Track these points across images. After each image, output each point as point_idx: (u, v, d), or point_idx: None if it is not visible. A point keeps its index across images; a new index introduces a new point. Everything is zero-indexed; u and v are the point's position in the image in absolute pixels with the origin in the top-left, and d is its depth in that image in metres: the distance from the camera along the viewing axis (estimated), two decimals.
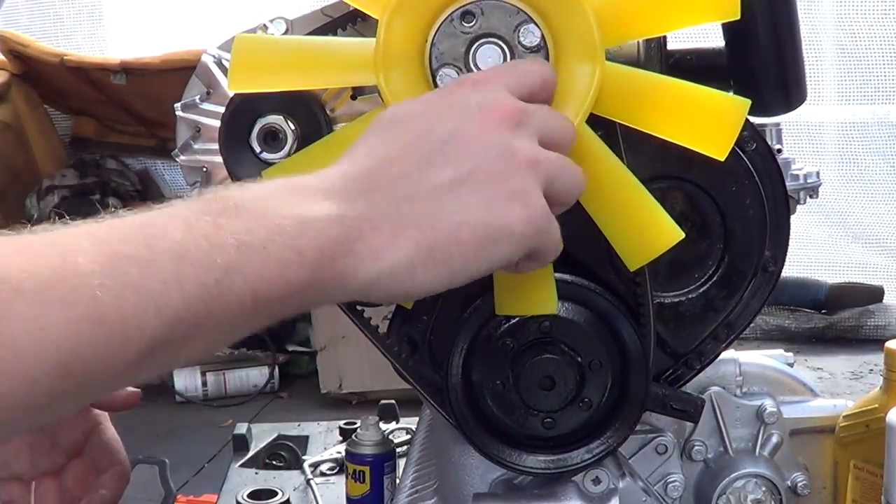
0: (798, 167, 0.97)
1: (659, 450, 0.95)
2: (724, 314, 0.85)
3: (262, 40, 0.75)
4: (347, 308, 0.83)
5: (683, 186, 0.82)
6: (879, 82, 3.10)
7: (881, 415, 0.91)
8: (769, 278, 0.84)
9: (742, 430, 0.99)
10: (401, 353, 0.82)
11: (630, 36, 0.75)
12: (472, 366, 0.78)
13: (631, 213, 0.72)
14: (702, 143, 0.69)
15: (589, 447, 0.79)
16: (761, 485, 0.97)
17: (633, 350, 0.77)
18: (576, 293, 0.77)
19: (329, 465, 1.70)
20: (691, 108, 0.70)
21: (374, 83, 0.69)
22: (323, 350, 2.75)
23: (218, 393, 2.84)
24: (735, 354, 1.00)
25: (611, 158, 0.71)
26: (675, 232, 0.71)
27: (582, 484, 0.81)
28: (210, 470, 2.25)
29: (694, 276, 0.84)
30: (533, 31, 0.68)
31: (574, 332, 0.77)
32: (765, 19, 0.84)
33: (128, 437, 0.85)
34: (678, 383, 0.84)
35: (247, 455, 1.77)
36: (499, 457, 0.79)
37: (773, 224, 0.83)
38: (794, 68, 0.87)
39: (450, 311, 0.81)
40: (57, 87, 3.18)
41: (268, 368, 2.87)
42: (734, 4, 0.68)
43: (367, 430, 1.35)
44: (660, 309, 0.83)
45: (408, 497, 0.96)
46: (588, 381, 0.77)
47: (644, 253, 0.73)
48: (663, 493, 0.95)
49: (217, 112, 0.82)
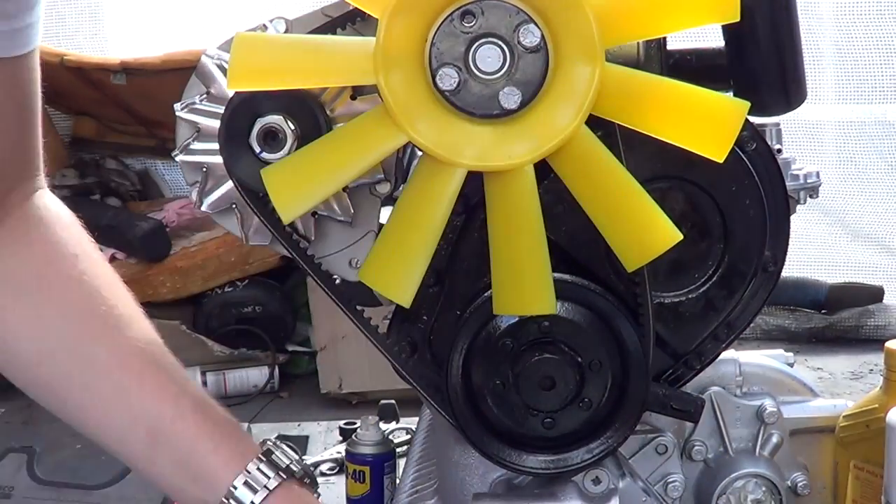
0: (798, 167, 0.97)
1: (659, 450, 0.95)
2: (724, 314, 0.85)
3: (261, 39, 0.75)
4: (347, 308, 0.83)
5: (683, 186, 0.82)
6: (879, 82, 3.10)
7: (881, 415, 0.91)
8: (769, 278, 0.84)
9: (742, 430, 0.99)
10: (401, 353, 0.82)
11: (630, 37, 0.75)
12: (472, 366, 0.78)
13: (629, 213, 0.72)
14: (701, 144, 0.69)
15: (589, 447, 0.79)
16: (761, 485, 0.97)
17: (633, 350, 0.77)
18: (576, 293, 0.77)
19: (329, 465, 1.71)
20: (690, 110, 0.70)
21: (373, 83, 0.69)
22: (323, 350, 2.75)
23: (218, 393, 2.83)
24: (735, 354, 1.01)
25: (609, 159, 0.71)
26: (674, 233, 0.71)
27: (582, 484, 0.81)
28: None
29: (694, 276, 0.84)
30: (533, 32, 0.68)
31: (574, 332, 0.77)
32: (765, 19, 0.84)
33: None
34: (678, 383, 0.84)
35: None
36: (499, 457, 0.79)
37: (773, 224, 0.83)
38: (793, 68, 0.87)
39: (450, 311, 0.81)
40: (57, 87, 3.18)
41: (268, 368, 2.86)
42: (734, 6, 0.68)
43: (367, 430, 1.35)
44: (660, 309, 0.83)
45: (408, 497, 0.96)
46: (588, 381, 0.77)
47: (642, 254, 0.73)
48: (663, 493, 0.95)
49: (217, 112, 0.82)
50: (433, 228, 0.73)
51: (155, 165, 3.45)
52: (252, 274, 2.92)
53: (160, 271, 2.83)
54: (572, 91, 0.68)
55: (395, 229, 0.74)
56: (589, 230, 0.74)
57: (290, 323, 2.97)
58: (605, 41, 0.69)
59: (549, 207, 0.75)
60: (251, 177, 0.79)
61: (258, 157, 0.81)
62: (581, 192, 0.72)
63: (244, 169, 0.80)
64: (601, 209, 0.72)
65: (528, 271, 0.73)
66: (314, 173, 0.72)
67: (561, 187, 0.73)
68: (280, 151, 0.80)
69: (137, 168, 3.41)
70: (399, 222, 0.74)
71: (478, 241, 0.79)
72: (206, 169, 0.85)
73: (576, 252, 0.79)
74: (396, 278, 0.74)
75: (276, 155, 0.80)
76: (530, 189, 0.71)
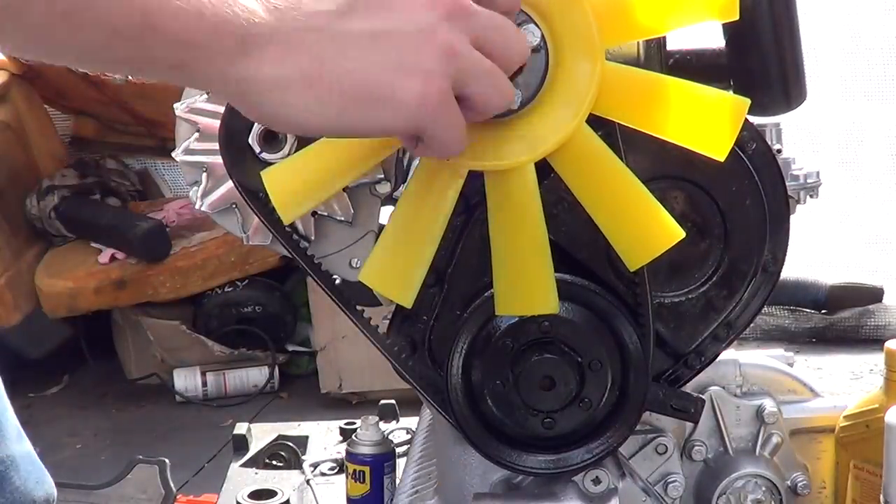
0: (798, 167, 0.97)
1: (659, 450, 0.95)
2: (724, 314, 0.85)
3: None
4: (347, 308, 0.83)
5: (683, 186, 0.82)
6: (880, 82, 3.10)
7: (881, 415, 0.91)
8: (769, 278, 0.84)
9: (742, 430, 0.99)
10: (401, 353, 0.82)
11: (630, 36, 0.75)
12: (472, 366, 0.78)
13: (631, 212, 0.72)
14: (701, 143, 0.69)
15: (589, 447, 0.79)
16: (761, 485, 0.97)
17: (633, 350, 0.77)
18: (576, 293, 0.77)
19: (329, 465, 1.70)
20: (691, 109, 0.70)
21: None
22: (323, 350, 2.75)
23: (218, 393, 2.84)
24: (735, 354, 1.00)
25: (610, 157, 0.71)
26: (676, 231, 0.71)
27: (582, 484, 0.81)
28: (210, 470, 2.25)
29: (694, 276, 0.84)
30: (533, 31, 0.68)
31: (574, 332, 0.77)
32: (765, 19, 0.84)
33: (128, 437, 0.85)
34: (678, 383, 0.84)
35: (247, 455, 1.77)
36: (499, 457, 0.79)
37: (773, 224, 0.83)
38: (794, 68, 0.87)
39: (450, 311, 0.81)
40: (57, 87, 3.18)
41: (268, 368, 2.86)
42: (733, 5, 0.68)
43: (367, 430, 1.35)
44: (660, 309, 0.83)
45: (408, 497, 0.96)
46: (588, 381, 0.77)
47: (644, 252, 0.73)
48: (663, 493, 0.95)
49: (217, 112, 0.82)
50: (434, 229, 0.73)
51: (155, 165, 3.46)
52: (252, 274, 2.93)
53: (160, 271, 2.84)
54: (573, 90, 0.68)
55: (396, 230, 0.74)
56: (589, 230, 0.73)
57: (290, 323, 2.98)
58: (605, 41, 0.69)
59: (549, 207, 0.75)
60: (251, 178, 0.79)
61: (258, 158, 0.81)
62: (582, 191, 0.72)
63: (244, 169, 0.80)
64: (602, 208, 0.72)
65: (530, 271, 0.73)
66: (314, 175, 0.72)
67: (561, 187, 0.73)
68: (280, 152, 0.80)
69: (137, 168, 3.41)
70: (400, 223, 0.74)
71: (478, 241, 0.79)
72: (206, 169, 0.85)
73: (576, 252, 0.79)
74: (397, 279, 0.74)
75: (275, 155, 0.80)
76: (531, 188, 0.71)
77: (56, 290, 2.84)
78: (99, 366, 3.03)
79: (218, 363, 2.88)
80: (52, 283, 2.86)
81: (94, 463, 2.37)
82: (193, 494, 1.93)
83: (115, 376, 2.98)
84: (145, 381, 2.92)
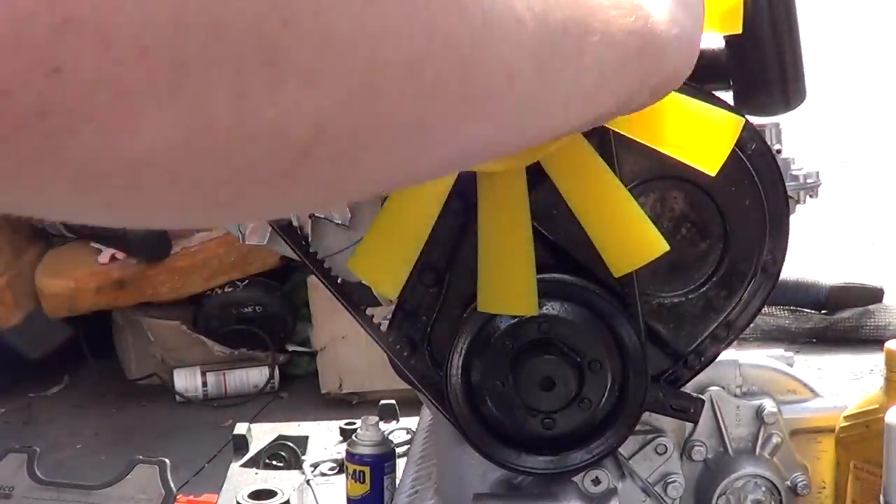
0: (798, 167, 0.97)
1: (659, 450, 0.95)
2: (724, 314, 0.84)
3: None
4: (349, 305, 0.83)
5: (683, 186, 0.82)
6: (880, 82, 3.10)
7: (881, 415, 0.90)
8: (769, 278, 0.84)
9: (742, 430, 0.99)
10: (402, 351, 0.82)
11: None
12: (471, 366, 0.78)
13: (617, 222, 0.73)
14: (694, 156, 0.70)
15: (589, 447, 0.79)
16: (761, 485, 0.97)
17: (633, 350, 0.77)
18: (575, 293, 0.77)
19: (329, 465, 1.71)
20: (686, 122, 0.70)
21: None
22: (323, 350, 2.75)
23: (218, 393, 2.84)
24: (735, 354, 1.00)
25: (600, 166, 0.72)
26: (660, 243, 0.72)
27: (582, 484, 0.81)
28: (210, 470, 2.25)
29: (693, 276, 0.84)
30: None
31: (573, 332, 0.77)
32: (764, 19, 0.84)
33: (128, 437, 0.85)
34: (678, 383, 0.84)
35: (247, 455, 1.78)
36: (499, 457, 0.79)
37: (772, 224, 0.83)
38: (794, 68, 0.87)
39: (450, 311, 0.81)
40: None
41: (268, 368, 2.87)
42: (736, 17, 0.69)
43: (367, 430, 1.35)
44: (659, 309, 0.83)
45: (408, 497, 0.96)
46: (588, 382, 0.77)
47: (628, 262, 0.74)
48: (663, 494, 0.95)
49: None
50: (422, 223, 0.74)
51: None
52: (252, 274, 2.93)
53: (160, 271, 2.84)
54: None
55: (385, 222, 0.75)
56: None
57: (290, 323, 2.98)
58: None
59: (549, 208, 0.75)
60: None
61: None
62: (571, 197, 0.73)
63: None
64: (590, 215, 0.73)
65: (513, 272, 0.73)
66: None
67: None
68: None
69: None
70: (389, 215, 0.75)
71: (477, 241, 0.79)
72: None
73: (576, 252, 0.79)
74: (384, 270, 0.75)
75: None
76: (520, 191, 0.71)
77: (56, 289, 2.85)
78: (99, 366, 3.03)
79: (218, 363, 2.88)
80: (53, 283, 2.86)
81: (94, 463, 2.37)
82: (193, 494, 1.93)
83: (115, 376, 2.98)
84: (145, 380, 2.92)
